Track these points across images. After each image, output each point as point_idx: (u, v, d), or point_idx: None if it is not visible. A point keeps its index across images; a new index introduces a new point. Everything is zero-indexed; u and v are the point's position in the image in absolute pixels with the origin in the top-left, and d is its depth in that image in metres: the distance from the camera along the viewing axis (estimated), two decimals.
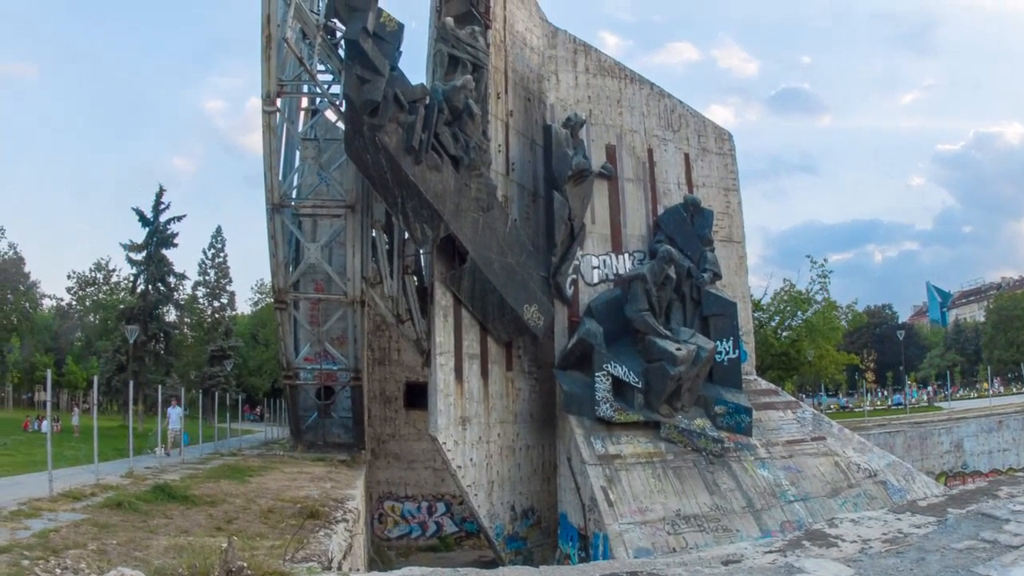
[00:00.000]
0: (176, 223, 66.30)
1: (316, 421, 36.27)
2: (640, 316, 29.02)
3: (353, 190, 29.68)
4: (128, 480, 22.45)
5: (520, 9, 32.86)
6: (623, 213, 31.75)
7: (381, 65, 25.63)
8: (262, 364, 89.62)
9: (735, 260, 33.73)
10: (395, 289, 30.12)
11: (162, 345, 66.96)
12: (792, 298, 57.59)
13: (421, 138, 25.80)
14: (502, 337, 28.80)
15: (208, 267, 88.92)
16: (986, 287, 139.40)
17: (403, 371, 36.66)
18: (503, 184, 29.86)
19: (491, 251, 27.44)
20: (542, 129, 31.40)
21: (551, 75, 32.14)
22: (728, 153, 34.44)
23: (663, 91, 33.86)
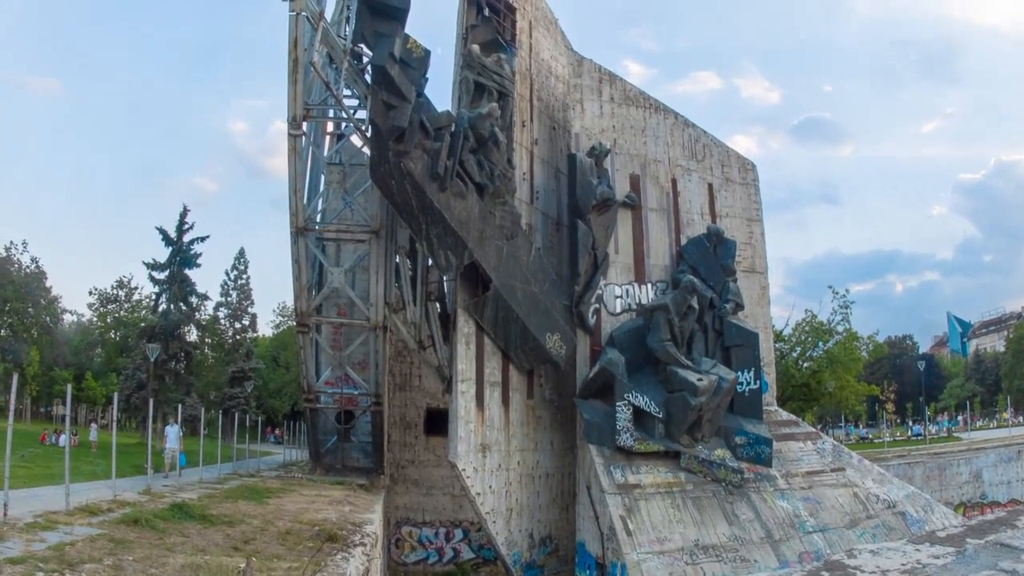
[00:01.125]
0: (199, 243, 66.70)
1: (336, 445, 36.27)
2: (662, 346, 28.98)
3: (377, 215, 29.72)
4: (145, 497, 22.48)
5: (546, 38, 33.00)
6: (646, 243, 31.77)
7: (407, 91, 25.67)
8: (282, 386, 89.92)
9: (757, 291, 33.65)
10: (418, 315, 30.14)
11: (183, 364, 67.17)
12: (813, 329, 57.34)
13: (446, 165, 25.86)
14: (524, 365, 28.79)
15: (230, 288, 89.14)
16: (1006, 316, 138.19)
17: (424, 397, 36.63)
18: (527, 212, 29.95)
19: (514, 279, 27.47)
20: (567, 158, 31.50)
21: (576, 104, 32.25)
22: (751, 183, 34.42)
23: (687, 121, 33.92)
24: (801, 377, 55.61)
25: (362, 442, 35.97)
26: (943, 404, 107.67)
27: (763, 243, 34.26)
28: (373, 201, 29.92)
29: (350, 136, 33.94)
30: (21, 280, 72.57)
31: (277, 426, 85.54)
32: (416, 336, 30.31)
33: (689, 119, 33.96)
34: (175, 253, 65.10)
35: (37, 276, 75.24)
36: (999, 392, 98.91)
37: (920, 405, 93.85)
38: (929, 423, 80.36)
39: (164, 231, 64.98)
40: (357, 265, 32.28)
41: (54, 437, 53.81)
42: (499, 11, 30.00)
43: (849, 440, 66.95)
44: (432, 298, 30.91)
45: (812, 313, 59.64)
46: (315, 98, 30.12)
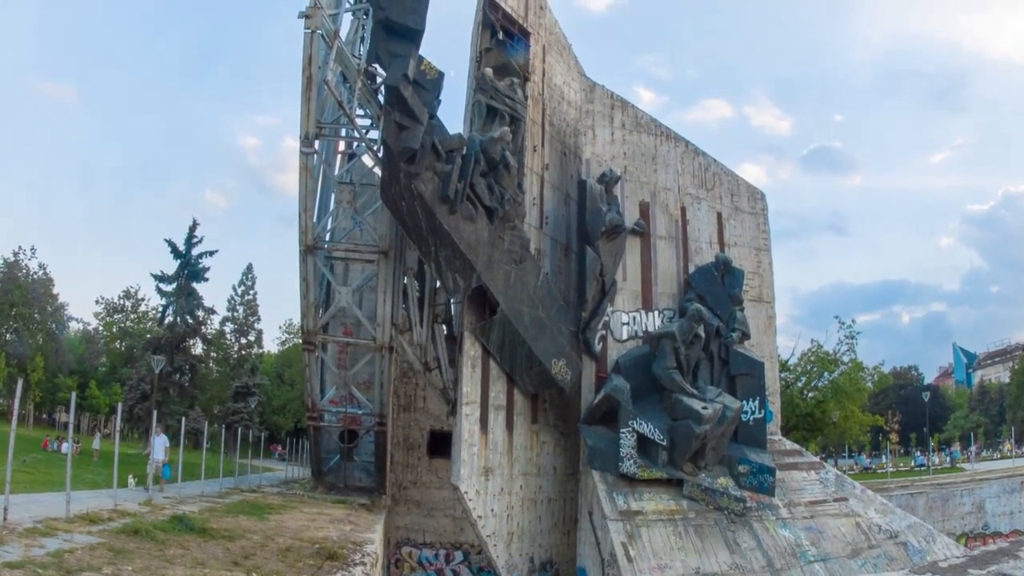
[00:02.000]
0: (208, 257, 66.97)
1: (338, 463, 36.24)
2: (668, 374, 28.97)
3: (387, 236, 29.78)
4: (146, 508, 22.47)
5: (559, 63, 33.13)
6: (654, 270, 31.77)
7: (420, 113, 25.77)
8: (286, 403, 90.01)
9: (764, 320, 33.61)
10: (424, 337, 30.17)
11: (187, 377, 67.41)
12: (819, 359, 57.33)
13: (457, 188, 25.93)
14: (529, 390, 28.78)
15: (237, 303, 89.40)
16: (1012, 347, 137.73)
17: (428, 419, 36.58)
18: (536, 237, 30.01)
19: (522, 304, 27.49)
20: (577, 184, 31.60)
21: (588, 130, 32.32)
22: (760, 213, 34.42)
23: (697, 149, 33.97)
24: (806, 407, 55.56)
25: (365, 462, 35.93)
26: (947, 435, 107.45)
27: (771, 272, 34.24)
28: (383, 221, 29.98)
29: (361, 156, 34.07)
30: (28, 285, 72.80)
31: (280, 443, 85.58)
32: (422, 358, 30.33)
33: (699, 147, 34.01)
34: (183, 266, 65.40)
35: (44, 282, 75.48)
36: (1003, 423, 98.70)
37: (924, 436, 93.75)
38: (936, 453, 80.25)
39: (173, 244, 65.38)
40: (365, 285, 32.36)
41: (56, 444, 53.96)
42: (513, 35, 30.12)
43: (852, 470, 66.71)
44: (439, 320, 30.95)
45: (818, 343, 59.68)
46: (328, 117, 30.24)
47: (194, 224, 66.87)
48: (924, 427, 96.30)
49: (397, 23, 27.22)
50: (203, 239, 67.05)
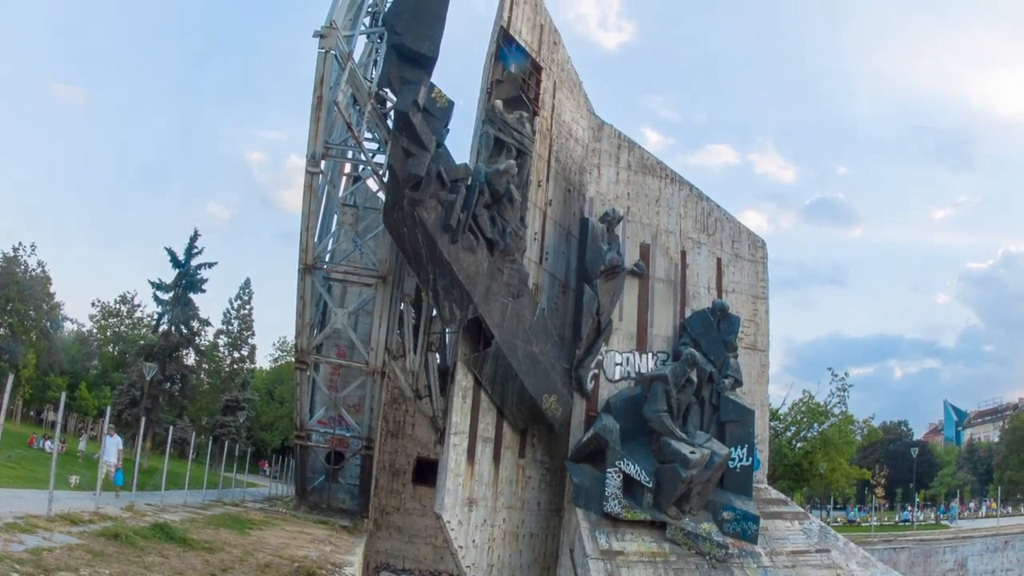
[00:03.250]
0: (207, 269, 66.90)
1: (322, 484, 36.20)
2: (658, 416, 28.93)
3: (386, 261, 29.86)
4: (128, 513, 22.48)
5: (569, 99, 33.27)
6: (651, 313, 31.78)
7: (428, 140, 25.81)
8: (274, 420, 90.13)
9: (757, 368, 33.59)
10: (417, 364, 30.16)
11: (178, 387, 67.09)
12: (810, 410, 57.42)
13: (459, 218, 25.94)
14: (518, 424, 28.73)
15: (232, 317, 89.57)
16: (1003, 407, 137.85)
17: (415, 446, 36.56)
18: (535, 272, 30.05)
19: (516, 338, 27.48)
20: (579, 221, 31.65)
21: (593, 168, 32.45)
22: (760, 261, 34.47)
23: (701, 194, 34.06)
24: (794, 457, 55.60)
25: (349, 484, 35.90)
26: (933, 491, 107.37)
27: (767, 321, 34.25)
28: (383, 246, 30.06)
29: (367, 179, 34.16)
30: (26, 282, 72.58)
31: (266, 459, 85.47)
32: (413, 385, 30.31)
33: (703, 192, 34.11)
34: (181, 276, 65.20)
35: (42, 280, 75.24)
36: (990, 482, 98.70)
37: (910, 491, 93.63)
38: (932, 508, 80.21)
39: (173, 253, 65.16)
40: (361, 308, 32.42)
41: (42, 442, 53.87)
42: (512, 43, 30.21)
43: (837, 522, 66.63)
44: (433, 349, 30.94)
45: (810, 394, 59.84)
46: (336, 138, 30.35)
47: (195, 235, 66.71)
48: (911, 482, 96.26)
49: (411, 49, 27.37)
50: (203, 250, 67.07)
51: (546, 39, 31.94)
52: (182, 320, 66.28)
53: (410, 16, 27.70)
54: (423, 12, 27.85)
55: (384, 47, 30.83)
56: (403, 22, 27.64)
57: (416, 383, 30.32)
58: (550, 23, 32.58)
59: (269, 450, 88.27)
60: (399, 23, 27.71)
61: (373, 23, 32.89)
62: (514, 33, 29.75)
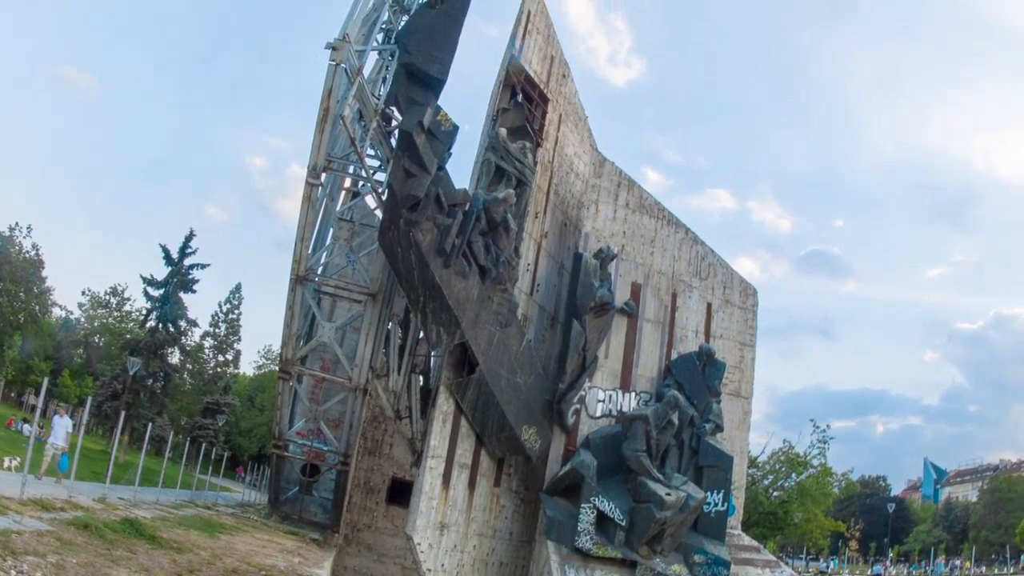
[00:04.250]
0: (199, 270, 67.01)
1: (296, 495, 36.12)
2: (636, 456, 28.92)
3: (378, 279, 29.83)
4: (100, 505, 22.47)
5: (573, 133, 33.38)
6: (637, 352, 31.81)
7: (429, 162, 25.83)
8: (253, 427, 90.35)
9: (739, 415, 33.62)
10: (400, 385, 30.13)
11: (160, 384, 67.05)
12: (789, 460, 57.44)
13: (454, 242, 25.93)
14: (496, 452, 28.66)
15: (220, 320, 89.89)
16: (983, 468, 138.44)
17: (391, 466, 36.49)
18: (525, 303, 30.06)
19: (501, 367, 27.46)
20: (573, 256, 31.74)
21: (592, 204, 32.53)
22: (750, 308, 34.55)
23: (696, 237, 34.16)
24: (769, 505, 55.56)
25: (323, 498, 35.83)
26: (908, 547, 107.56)
27: (752, 369, 34.30)
28: (376, 264, 30.03)
29: (365, 195, 34.23)
30: (18, 263, 72.54)
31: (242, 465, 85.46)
32: (395, 405, 30.29)
33: (699, 236, 34.20)
34: (173, 274, 65.30)
35: (35, 263, 75.23)
36: (965, 541, 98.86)
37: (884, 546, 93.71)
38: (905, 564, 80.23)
39: (167, 250, 65.31)
40: (349, 324, 32.39)
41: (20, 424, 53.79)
42: (532, 99, 30.34)
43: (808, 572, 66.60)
44: (417, 371, 30.91)
45: (790, 443, 59.92)
46: (338, 151, 30.31)
47: (191, 234, 66.91)
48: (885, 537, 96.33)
49: (420, 70, 27.44)
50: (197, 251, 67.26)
51: (555, 71, 32.08)
52: (170, 318, 66.38)
53: (423, 36, 27.81)
54: (436, 34, 27.96)
55: (394, 65, 30.98)
56: (415, 42, 27.73)
57: (397, 403, 30.30)
58: (561, 55, 32.73)
59: (245, 456, 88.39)
60: (411, 43, 27.81)
61: (386, 40, 33.00)
62: (524, 63, 29.86)
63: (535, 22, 30.94)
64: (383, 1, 29.91)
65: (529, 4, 30.61)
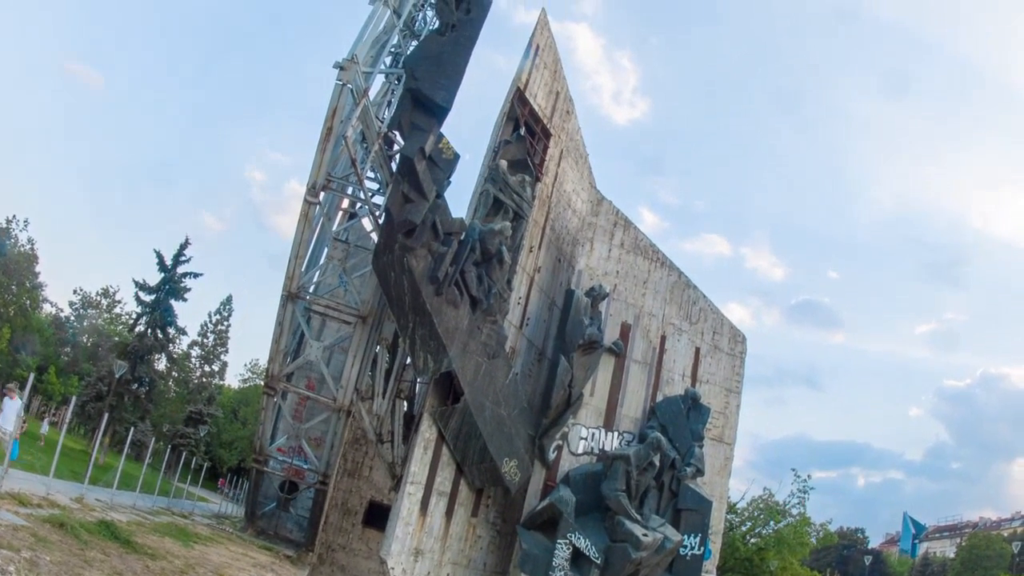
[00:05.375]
0: (192, 279, 67.08)
1: (273, 511, 36.08)
2: (615, 495, 28.90)
3: (369, 302, 29.91)
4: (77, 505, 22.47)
5: (573, 170, 33.52)
6: (623, 392, 31.82)
7: (428, 189, 25.88)
8: (234, 440, 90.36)
9: (721, 461, 33.61)
10: (384, 408, 30.09)
11: (145, 389, 66.93)
12: (768, 507, 57.35)
13: (448, 271, 25.97)
14: (475, 483, 28.60)
15: (209, 331, 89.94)
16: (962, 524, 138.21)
17: (370, 488, 36.37)
18: (514, 336, 30.07)
19: (486, 398, 27.45)
20: (565, 292, 31.80)
21: (587, 241, 32.63)
22: (739, 355, 34.60)
23: (689, 281, 34.24)
24: (746, 552, 55.35)
25: (299, 515, 35.78)
26: None
27: (737, 416, 34.31)
28: (368, 287, 30.12)
29: (362, 218, 34.34)
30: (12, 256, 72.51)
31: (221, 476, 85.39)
32: (377, 428, 30.24)
33: (691, 280, 34.29)
34: (166, 281, 65.32)
35: (29, 257, 75.20)
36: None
37: None
38: None
39: (161, 256, 65.36)
40: (337, 344, 32.46)
41: None
42: (535, 133, 30.49)
43: None
44: (402, 396, 30.88)
45: (770, 491, 59.84)
46: (338, 171, 30.49)
47: (186, 242, 67.07)
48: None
49: (426, 96, 27.51)
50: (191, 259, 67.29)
51: (560, 107, 32.25)
52: (159, 325, 66.37)
53: (431, 63, 27.94)
54: (444, 61, 28.10)
55: (400, 89, 31.10)
56: (423, 68, 27.85)
57: (380, 427, 30.25)
58: (566, 91, 32.91)
59: (225, 468, 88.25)
60: (419, 68, 27.92)
61: (394, 63, 33.19)
62: (530, 96, 30.02)
63: (543, 56, 31.12)
64: (393, 24, 30.10)
65: (538, 38, 30.79)
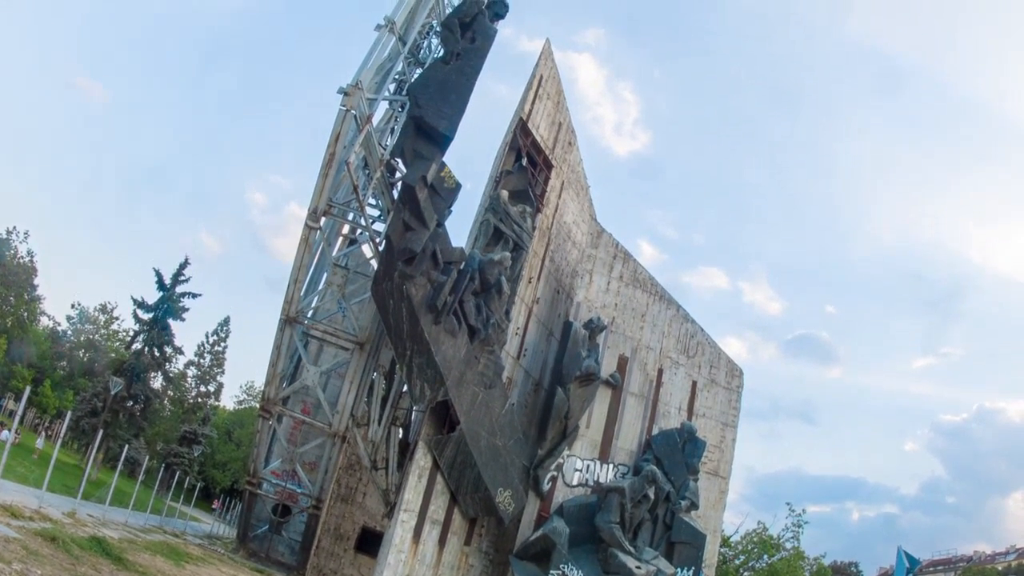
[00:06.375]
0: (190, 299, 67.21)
1: (265, 533, 35.92)
2: (609, 527, 28.87)
3: (367, 329, 29.94)
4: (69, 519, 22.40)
5: (574, 201, 33.59)
6: (619, 425, 31.80)
7: (429, 218, 25.96)
8: (228, 461, 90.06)
9: (716, 494, 33.55)
10: (379, 435, 30.10)
11: (140, 407, 66.77)
12: (762, 541, 57.09)
13: (446, 300, 26.01)
14: (469, 512, 28.55)
15: (206, 351, 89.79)
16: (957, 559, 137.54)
17: (363, 514, 36.33)
18: (511, 366, 30.08)
19: (482, 428, 27.44)
20: (563, 324, 31.87)
21: (586, 273, 32.67)
22: (735, 389, 34.58)
23: (687, 315, 34.27)
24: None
25: (292, 538, 35.63)
26: None
27: (733, 450, 34.24)
28: (367, 314, 30.15)
29: (362, 244, 34.35)
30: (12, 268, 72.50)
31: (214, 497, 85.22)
32: (372, 455, 30.23)
33: (690, 314, 34.32)
34: (164, 299, 65.35)
35: (28, 269, 75.21)
36: None
37: None
38: None
39: (160, 275, 65.46)
40: (334, 370, 32.42)
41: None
42: (537, 164, 30.58)
43: None
44: (397, 423, 30.92)
45: (764, 525, 59.49)
46: (340, 197, 30.52)
47: (185, 262, 67.20)
48: None
49: (429, 124, 27.64)
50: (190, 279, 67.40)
51: (562, 138, 32.36)
52: (156, 343, 66.32)
53: (435, 91, 28.05)
54: (448, 90, 28.21)
55: (403, 117, 31.19)
56: (427, 96, 27.97)
57: (375, 454, 30.25)
58: (569, 122, 33.03)
59: (218, 489, 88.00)
60: (423, 96, 28.03)
61: (397, 90, 33.23)
62: (532, 127, 30.13)
63: (546, 87, 31.26)
64: (398, 51, 30.19)
65: (542, 69, 30.92)
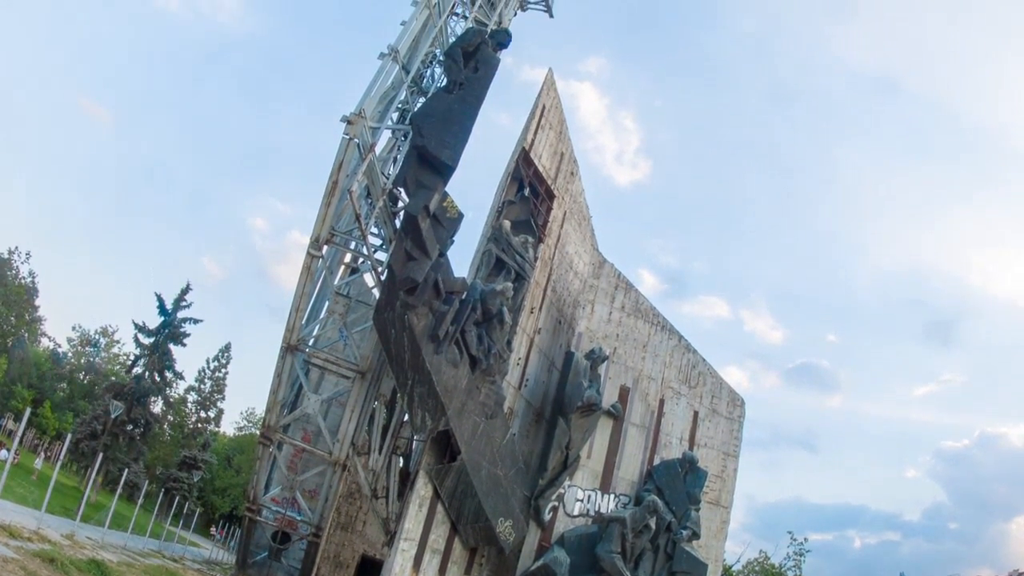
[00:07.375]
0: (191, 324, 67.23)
1: (264, 560, 35.75)
2: (610, 557, 28.81)
3: (368, 357, 29.87)
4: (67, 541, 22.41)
5: (576, 232, 33.63)
6: (620, 455, 31.79)
7: (431, 247, 25.95)
8: (228, 487, 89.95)
9: (717, 524, 33.46)
10: (380, 464, 30.00)
11: (140, 431, 66.70)
12: (764, 570, 57.02)
13: (448, 330, 26.00)
14: (469, 541, 28.47)
15: (206, 377, 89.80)
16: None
17: (363, 543, 36.26)
18: (512, 397, 30.05)
19: (483, 457, 27.39)
20: (565, 354, 31.89)
21: (588, 303, 32.71)
22: (737, 419, 34.53)
23: (689, 345, 34.30)
24: None
25: (291, 566, 35.48)
26: None
27: (734, 479, 34.18)
28: (368, 342, 30.09)
29: (364, 273, 34.33)
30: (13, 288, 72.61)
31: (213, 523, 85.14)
32: (372, 484, 30.13)
33: (691, 344, 34.35)
34: (166, 324, 65.40)
35: (29, 290, 75.34)
36: None
37: None
38: None
39: (162, 300, 65.54)
40: (335, 398, 32.34)
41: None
42: (539, 194, 30.63)
43: None
44: (398, 452, 30.83)
45: (765, 554, 59.44)
46: (342, 226, 30.49)
47: (187, 287, 67.35)
48: None
49: (432, 154, 27.58)
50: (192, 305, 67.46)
51: (564, 168, 32.43)
52: (157, 368, 66.32)
53: (437, 121, 28.03)
54: (451, 119, 28.19)
55: (406, 146, 31.23)
56: (430, 125, 27.93)
57: (375, 482, 30.16)
58: (571, 152, 33.11)
59: (217, 514, 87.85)
60: (426, 126, 28.00)
61: (400, 120, 33.27)
62: (535, 157, 30.20)
63: (548, 117, 31.35)
64: (402, 80, 30.22)
65: (544, 99, 31.02)
